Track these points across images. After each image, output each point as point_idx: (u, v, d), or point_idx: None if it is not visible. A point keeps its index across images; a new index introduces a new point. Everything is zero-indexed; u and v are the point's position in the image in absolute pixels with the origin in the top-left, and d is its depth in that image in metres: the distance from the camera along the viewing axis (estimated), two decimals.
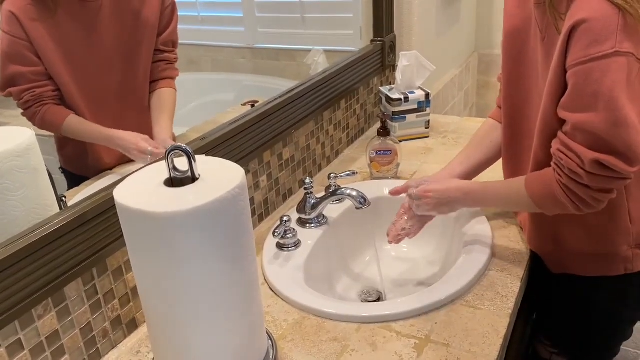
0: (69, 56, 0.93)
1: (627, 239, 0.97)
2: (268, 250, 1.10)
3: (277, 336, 0.90)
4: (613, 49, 0.77)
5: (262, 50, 1.78)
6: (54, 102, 0.94)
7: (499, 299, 0.94)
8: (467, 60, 2.37)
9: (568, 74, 0.82)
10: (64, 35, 0.92)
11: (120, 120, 1.01)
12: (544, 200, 0.91)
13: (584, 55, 0.79)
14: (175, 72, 1.11)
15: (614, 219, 0.96)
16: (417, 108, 1.56)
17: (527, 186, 0.93)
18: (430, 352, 0.84)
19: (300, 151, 1.34)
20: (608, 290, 1.03)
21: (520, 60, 0.99)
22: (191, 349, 0.71)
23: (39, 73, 0.91)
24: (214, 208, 0.64)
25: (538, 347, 1.19)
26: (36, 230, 0.76)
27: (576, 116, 0.83)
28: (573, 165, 0.84)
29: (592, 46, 0.78)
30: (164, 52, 1.08)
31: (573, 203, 0.87)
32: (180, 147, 0.67)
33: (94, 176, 1.00)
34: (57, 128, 0.97)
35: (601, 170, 0.82)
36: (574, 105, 0.83)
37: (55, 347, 0.80)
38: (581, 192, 0.85)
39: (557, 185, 0.87)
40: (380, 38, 1.67)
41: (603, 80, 0.78)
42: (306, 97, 1.32)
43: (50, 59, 0.91)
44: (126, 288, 0.91)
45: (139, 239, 0.66)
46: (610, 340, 1.12)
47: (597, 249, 0.99)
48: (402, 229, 1.10)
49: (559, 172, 0.87)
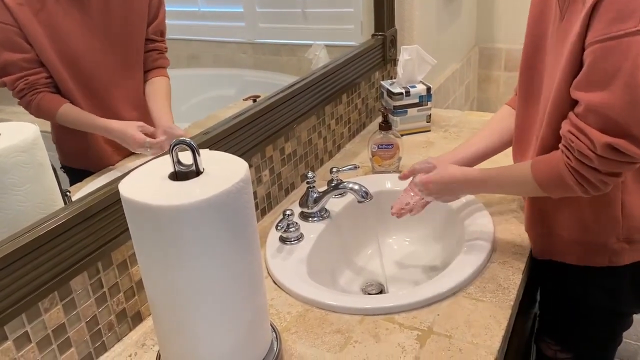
0: (59, 43, 0.93)
1: (616, 231, 0.96)
2: (271, 243, 1.11)
3: (281, 328, 0.91)
4: (636, 27, 0.74)
5: (263, 45, 1.78)
6: (49, 90, 0.93)
7: (501, 291, 0.95)
8: (468, 54, 2.37)
9: (586, 52, 0.80)
10: (52, 21, 0.92)
11: (114, 109, 1.01)
12: (551, 183, 0.89)
13: (605, 32, 0.76)
14: (167, 61, 1.12)
15: (607, 209, 0.95)
16: (419, 102, 1.56)
17: (534, 170, 0.91)
18: (432, 343, 0.85)
19: (302, 145, 1.35)
20: (594, 283, 1.03)
21: (540, 45, 0.97)
22: (196, 341, 0.72)
23: (30, 60, 0.90)
24: (219, 201, 0.64)
25: (542, 346, 1.19)
26: (41, 225, 0.77)
27: (590, 96, 0.80)
28: (584, 148, 0.82)
29: (614, 23, 0.76)
30: (155, 42, 1.08)
31: (581, 185, 0.86)
32: (184, 141, 0.67)
33: (96, 169, 1.00)
34: (52, 116, 0.96)
35: (613, 155, 0.81)
36: (589, 84, 0.81)
37: (61, 340, 0.80)
38: (590, 175, 0.84)
39: (565, 168, 0.86)
40: (381, 32, 1.67)
41: (623, 60, 0.76)
42: (308, 91, 1.33)
43: (40, 45, 0.90)
44: (131, 281, 0.91)
45: (144, 233, 0.67)
46: (608, 333, 1.12)
47: (585, 237, 0.99)
48: (406, 204, 1.10)
49: (567, 154, 0.86)
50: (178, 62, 1.56)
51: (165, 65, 1.12)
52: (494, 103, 2.50)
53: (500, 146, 1.13)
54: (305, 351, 0.86)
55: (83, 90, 0.97)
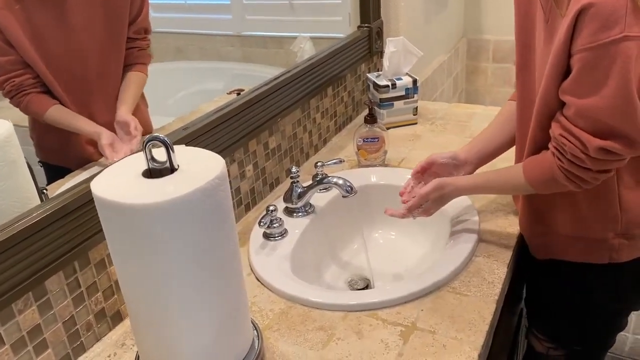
0: (41, 44, 0.92)
1: (614, 226, 0.97)
2: (254, 240, 1.09)
3: (263, 326, 0.89)
4: (622, 33, 0.75)
5: (250, 37, 1.76)
6: (37, 91, 0.93)
7: (485, 285, 0.94)
8: (455, 46, 2.36)
9: (574, 58, 0.81)
10: (33, 22, 0.91)
11: (96, 108, 1.00)
12: (545, 184, 0.92)
13: (591, 40, 0.77)
14: (148, 57, 1.10)
15: (604, 204, 0.96)
16: (405, 95, 1.55)
17: (526, 173, 0.93)
18: (416, 339, 0.84)
19: (286, 140, 1.33)
20: (596, 282, 1.03)
21: (530, 46, 0.97)
22: (173, 342, 0.70)
23: (14, 62, 0.90)
24: (193, 199, 0.63)
25: (533, 341, 1.18)
26: (15, 223, 0.75)
27: (581, 102, 0.82)
28: (576, 151, 0.84)
29: (600, 31, 0.76)
30: (135, 40, 1.07)
31: (573, 182, 0.88)
32: (157, 137, 0.66)
33: (76, 167, 0.99)
34: (40, 118, 0.96)
35: (605, 155, 0.83)
36: (579, 90, 0.82)
37: (37, 341, 0.79)
38: (583, 174, 0.87)
39: (558, 170, 0.88)
40: (367, 24, 1.65)
41: (612, 66, 0.77)
42: (292, 84, 1.31)
43: (22, 47, 0.90)
44: (110, 280, 0.90)
45: (117, 232, 0.65)
46: (604, 333, 1.12)
47: (584, 233, 0.99)
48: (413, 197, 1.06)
49: (559, 157, 0.88)
50: (164, 56, 1.54)
51: (146, 62, 1.10)
52: (482, 94, 2.50)
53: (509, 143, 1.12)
54: (288, 349, 0.85)
55: (66, 89, 0.96)
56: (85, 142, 1.01)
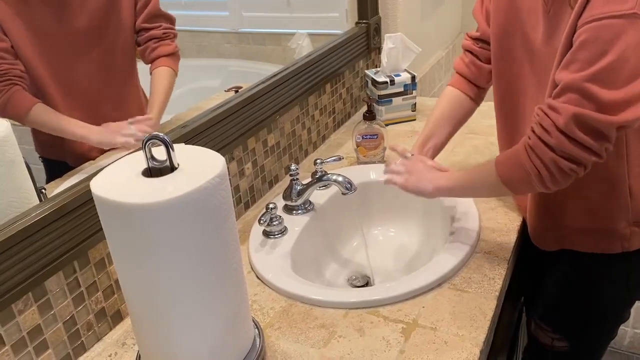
0: (38, 36, 0.89)
1: (626, 215, 0.96)
2: (254, 238, 1.09)
3: (264, 324, 0.89)
4: (632, 9, 0.73)
5: (247, 34, 1.75)
6: (22, 86, 0.89)
7: (486, 282, 0.94)
8: (453, 42, 2.35)
9: (578, 32, 0.77)
10: (31, 13, 0.89)
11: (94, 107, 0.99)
12: (510, 170, 0.87)
13: (600, 12, 0.75)
14: (168, 47, 1.05)
15: (614, 194, 0.95)
16: (404, 91, 1.55)
17: (497, 164, 0.90)
18: (417, 336, 0.84)
19: (285, 137, 1.33)
20: (607, 271, 1.03)
21: (513, 34, 0.95)
22: (174, 340, 0.70)
23: (6, 50, 0.87)
24: (193, 198, 0.62)
25: (538, 333, 1.18)
26: (14, 224, 0.75)
27: (572, 75, 0.78)
28: (547, 122, 0.80)
29: (611, 3, 0.74)
30: (148, 30, 1.03)
31: (535, 170, 0.83)
32: (157, 136, 0.65)
33: (72, 162, 0.97)
34: (21, 116, 0.92)
35: (575, 132, 0.78)
36: (573, 63, 0.78)
37: (37, 341, 0.78)
38: (546, 155, 0.81)
39: (523, 149, 0.84)
40: (365, 20, 1.64)
41: (614, 41, 0.74)
42: (290, 81, 1.31)
43: (18, 38, 0.87)
44: (110, 280, 0.89)
45: (117, 231, 0.65)
46: (610, 323, 1.12)
47: (595, 224, 0.99)
48: None
49: (529, 134, 0.84)
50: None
51: (167, 53, 1.05)
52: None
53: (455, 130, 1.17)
54: (289, 347, 0.84)
55: (60, 86, 0.94)
56: None
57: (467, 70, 1.15)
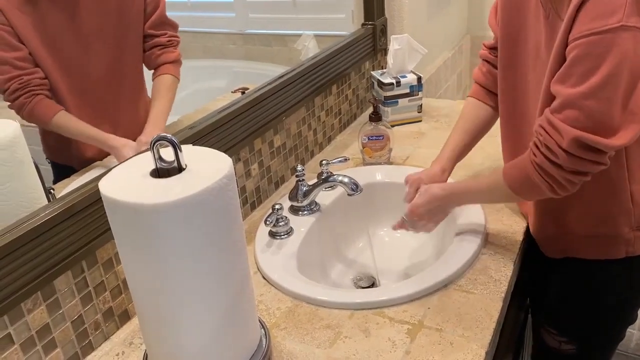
0: (51, 41, 0.91)
1: (628, 220, 0.96)
2: (260, 239, 1.09)
3: (270, 324, 0.90)
4: (619, 22, 0.74)
5: (253, 36, 1.76)
6: (44, 94, 0.91)
7: (492, 283, 0.94)
8: (459, 43, 2.35)
9: (569, 47, 0.79)
10: (44, 20, 0.90)
11: (105, 111, 0.99)
12: (520, 184, 0.89)
13: (588, 28, 0.76)
14: (172, 54, 1.07)
15: (616, 200, 0.95)
16: (409, 92, 1.55)
17: (505, 174, 0.92)
18: (423, 337, 0.84)
19: (291, 138, 1.33)
20: (612, 275, 1.03)
21: (518, 40, 0.96)
22: (181, 341, 0.70)
23: (24, 59, 0.88)
24: (201, 199, 0.63)
25: (545, 336, 1.17)
26: (24, 224, 0.75)
27: (568, 91, 0.80)
28: (551, 143, 0.82)
29: (598, 19, 0.75)
30: (153, 37, 1.05)
31: (546, 183, 0.85)
32: (165, 137, 0.66)
33: (79, 166, 0.98)
34: (46, 123, 0.94)
35: (579, 151, 0.80)
36: (569, 78, 0.80)
37: (46, 340, 0.79)
38: (554, 172, 0.83)
39: (530, 165, 0.86)
40: (371, 21, 1.65)
41: (605, 56, 0.76)
42: (297, 82, 1.31)
43: (32, 45, 0.88)
44: (117, 280, 0.90)
45: (125, 232, 0.66)
46: (616, 325, 1.11)
47: (598, 230, 0.99)
48: None
49: (534, 151, 0.86)
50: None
51: (171, 60, 1.07)
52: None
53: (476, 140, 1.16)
54: (295, 347, 0.85)
55: (75, 92, 0.95)
56: None
57: (485, 79, 1.15)
